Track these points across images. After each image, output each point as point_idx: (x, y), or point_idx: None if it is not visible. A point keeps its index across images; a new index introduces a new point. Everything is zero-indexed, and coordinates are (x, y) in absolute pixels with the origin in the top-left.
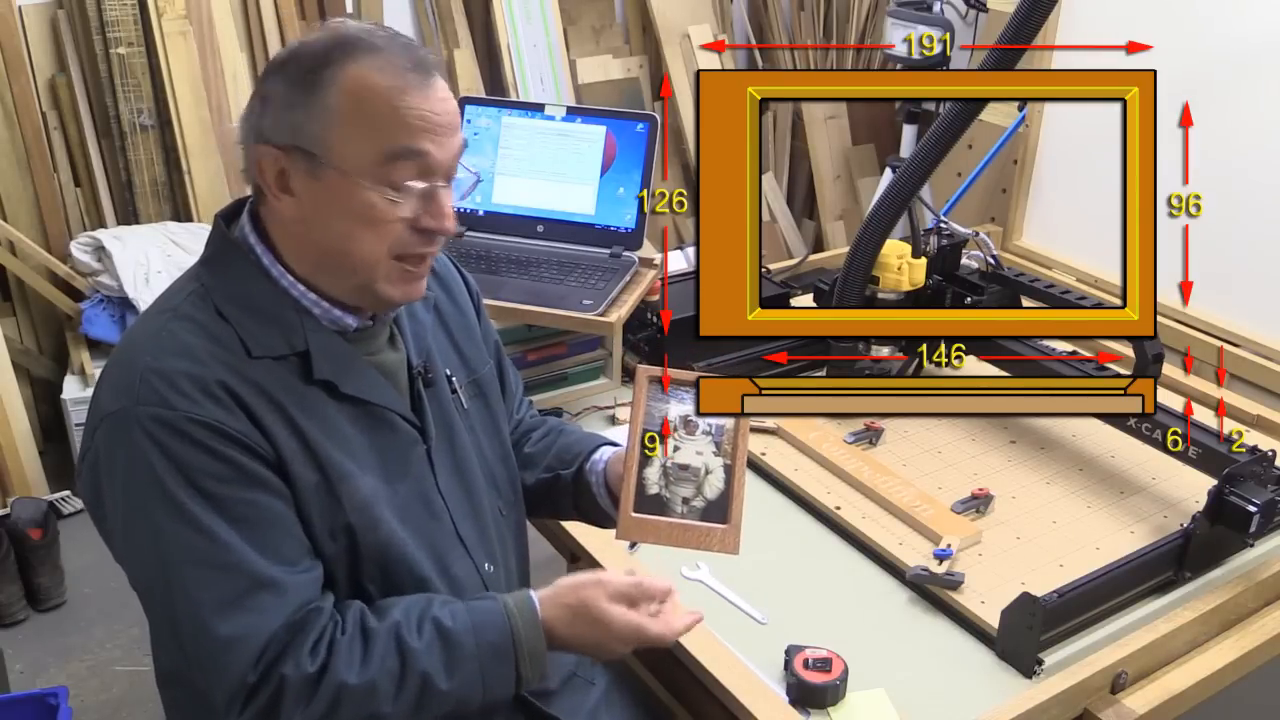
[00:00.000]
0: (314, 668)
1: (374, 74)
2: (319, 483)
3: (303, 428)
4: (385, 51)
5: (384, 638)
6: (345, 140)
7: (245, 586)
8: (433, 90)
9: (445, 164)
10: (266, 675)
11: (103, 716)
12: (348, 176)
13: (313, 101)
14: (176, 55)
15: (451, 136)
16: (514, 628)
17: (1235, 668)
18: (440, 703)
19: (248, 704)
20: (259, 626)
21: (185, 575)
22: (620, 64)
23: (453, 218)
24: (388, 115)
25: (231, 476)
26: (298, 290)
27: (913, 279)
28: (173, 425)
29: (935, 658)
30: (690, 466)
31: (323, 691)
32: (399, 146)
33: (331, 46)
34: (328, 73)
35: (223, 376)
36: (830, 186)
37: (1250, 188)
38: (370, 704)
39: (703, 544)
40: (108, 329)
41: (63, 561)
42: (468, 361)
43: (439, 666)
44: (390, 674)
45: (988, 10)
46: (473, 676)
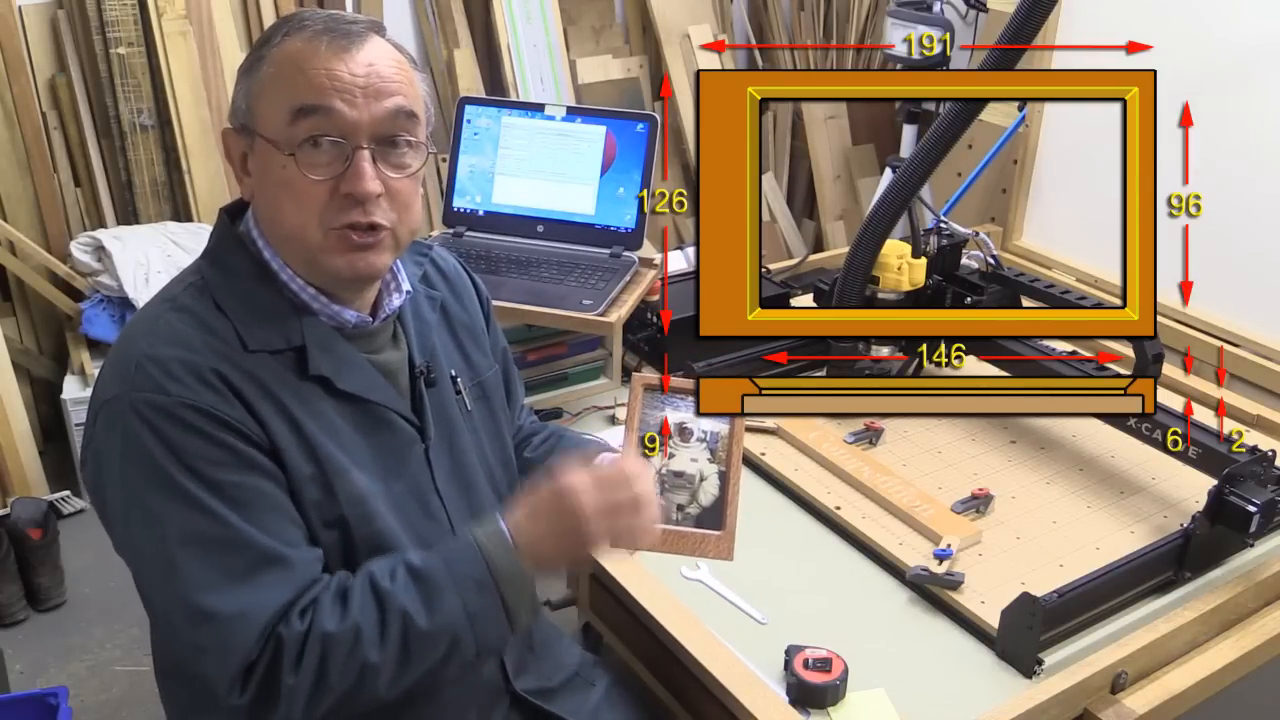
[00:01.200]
0: (303, 626)
1: (294, 42)
2: (314, 474)
3: (298, 420)
4: (311, 23)
5: (360, 586)
6: (265, 107)
7: (249, 563)
8: (352, 52)
9: (363, 125)
10: (265, 647)
11: (103, 716)
12: (268, 143)
13: (250, 79)
14: (176, 55)
15: (375, 100)
16: (485, 554)
17: (1235, 668)
18: (428, 644)
19: (248, 680)
20: (264, 602)
21: (187, 556)
22: (620, 64)
23: (372, 180)
24: (294, 76)
25: (227, 460)
26: (297, 284)
27: (913, 279)
28: (167, 410)
29: (935, 658)
30: (685, 474)
31: (310, 646)
32: (301, 103)
33: (275, 27)
34: (265, 50)
35: (217, 365)
36: (830, 186)
37: (1250, 187)
38: (358, 652)
39: (698, 551)
40: (108, 329)
41: (63, 561)
42: (472, 364)
43: (417, 604)
44: (370, 619)
45: (988, 10)
46: (455, 611)
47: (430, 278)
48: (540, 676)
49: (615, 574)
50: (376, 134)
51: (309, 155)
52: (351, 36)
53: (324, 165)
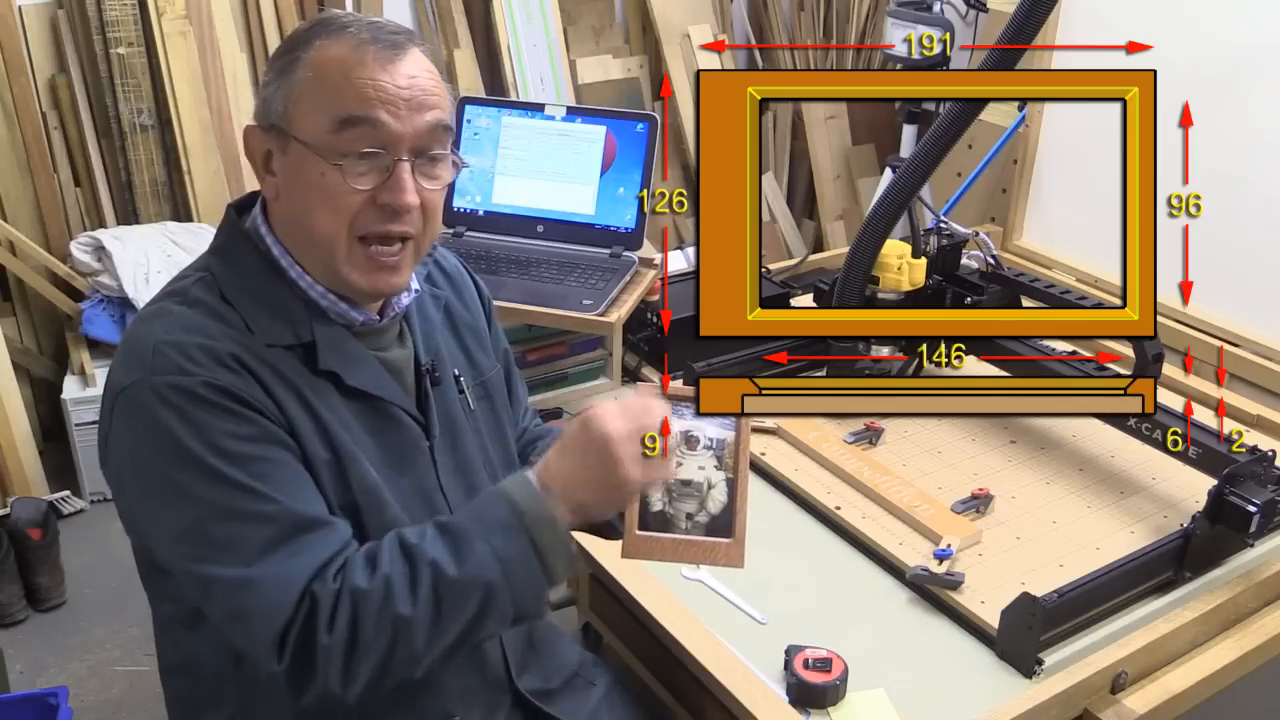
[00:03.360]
0: (335, 585)
1: (335, 47)
2: (329, 460)
3: (315, 407)
4: (352, 28)
5: (389, 545)
6: (305, 112)
7: (284, 530)
8: (396, 64)
9: (406, 138)
10: (300, 606)
11: (103, 716)
12: (306, 148)
13: (286, 80)
14: (176, 55)
15: (417, 113)
16: (511, 497)
17: (1235, 668)
18: (460, 594)
19: (284, 644)
20: (301, 566)
21: (223, 530)
22: (620, 64)
23: (412, 193)
24: (340, 84)
25: (252, 434)
26: (305, 282)
27: (913, 279)
28: (190, 391)
29: (935, 658)
30: (693, 482)
31: (341, 603)
32: (348, 114)
33: (310, 28)
34: (301, 52)
35: (235, 350)
36: (830, 186)
37: (1250, 187)
38: (389, 606)
39: (708, 559)
40: (108, 329)
41: (63, 561)
42: (476, 363)
43: (445, 555)
44: (400, 572)
45: (988, 10)
46: (485, 556)
47: (434, 277)
48: (541, 677)
49: (615, 574)
50: (416, 146)
51: (353, 165)
52: (397, 47)
53: (365, 175)
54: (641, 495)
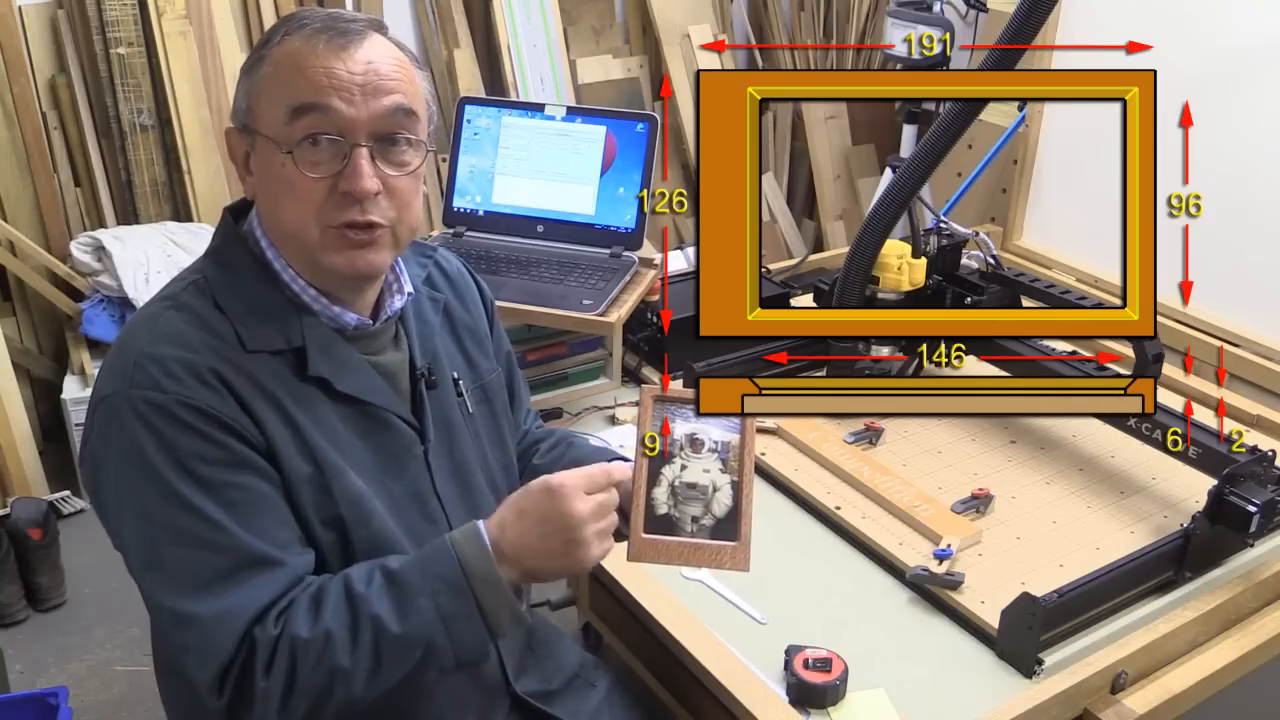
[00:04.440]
0: (275, 630)
1: (293, 41)
2: (311, 474)
3: (296, 420)
4: (311, 22)
5: (335, 590)
6: (266, 106)
7: (234, 565)
8: (350, 50)
9: (361, 123)
10: (240, 649)
11: (103, 716)
12: (269, 141)
13: (250, 78)
14: (176, 55)
15: (373, 97)
16: (459, 554)
17: (1235, 668)
18: (401, 650)
19: (224, 682)
20: (244, 605)
21: (174, 555)
22: (620, 64)
23: (370, 178)
24: (293, 75)
25: (222, 459)
26: (298, 285)
27: (913, 279)
28: (164, 408)
29: (935, 658)
30: (698, 485)
31: (280, 650)
32: (300, 102)
33: (276, 26)
34: (265, 50)
35: (215, 364)
36: (830, 186)
37: (1250, 187)
38: (328, 657)
39: (714, 562)
40: (108, 329)
41: (63, 561)
42: (475, 366)
43: (389, 609)
44: (343, 623)
45: (988, 10)
46: (428, 615)
47: (434, 279)
48: (541, 678)
49: (615, 574)
50: (375, 132)
51: (307, 153)
52: (350, 35)
53: (322, 163)
54: (647, 498)
